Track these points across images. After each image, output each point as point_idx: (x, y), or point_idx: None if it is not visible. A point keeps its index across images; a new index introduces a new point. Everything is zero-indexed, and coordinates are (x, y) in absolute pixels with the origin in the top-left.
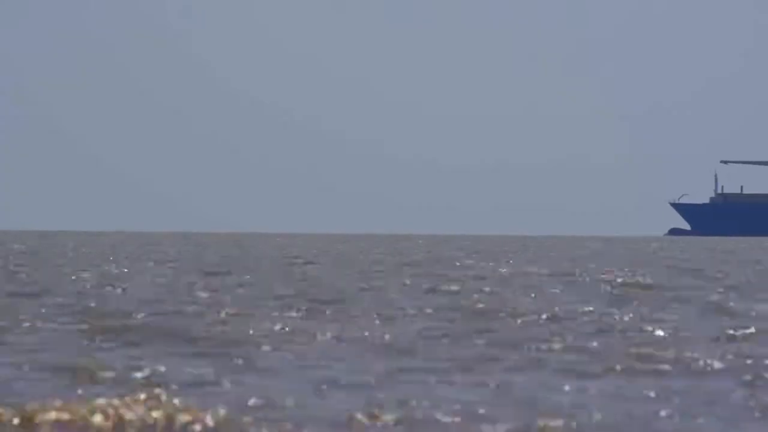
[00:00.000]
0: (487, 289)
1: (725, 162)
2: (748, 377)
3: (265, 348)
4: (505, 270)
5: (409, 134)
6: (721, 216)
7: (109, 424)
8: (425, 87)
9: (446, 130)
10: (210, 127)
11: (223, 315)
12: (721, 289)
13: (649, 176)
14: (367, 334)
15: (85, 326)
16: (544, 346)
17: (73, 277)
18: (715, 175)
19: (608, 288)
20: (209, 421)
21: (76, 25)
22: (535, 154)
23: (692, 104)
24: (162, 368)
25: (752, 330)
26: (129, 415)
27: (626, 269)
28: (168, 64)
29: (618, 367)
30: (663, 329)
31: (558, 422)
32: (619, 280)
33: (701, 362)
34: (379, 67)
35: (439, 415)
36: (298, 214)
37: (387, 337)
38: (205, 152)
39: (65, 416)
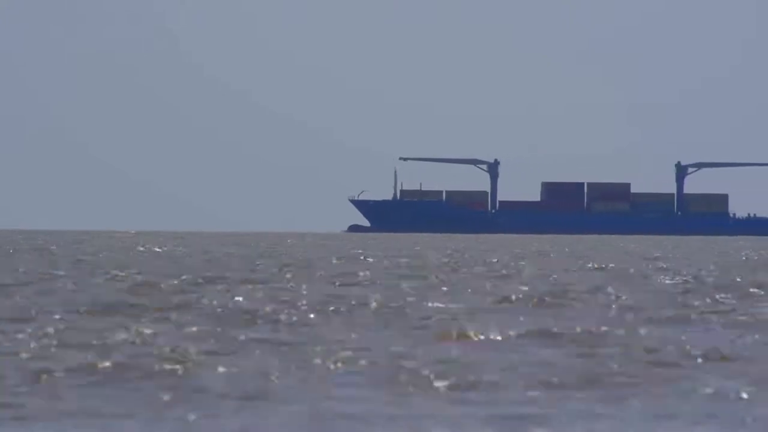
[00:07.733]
0: None
1: (404, 159)
2: None
3: None
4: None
5: (411, 135)
6: (399, 212)
7: None
8: (424, 88)
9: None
10: (210, 129)
11: None
12: None
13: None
14: None
15: None
16: None
17: None
18: (395, 172)
19: None
20: None
21: (77, 27)
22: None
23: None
24: None
25: None
26: None
27: None
28: (169, 67)
29: None
30: None
31: None
32: None
33: None
34: (379, 69)
35: None
36: (296, 213)
37: None
38: (205, 153)
39: None
